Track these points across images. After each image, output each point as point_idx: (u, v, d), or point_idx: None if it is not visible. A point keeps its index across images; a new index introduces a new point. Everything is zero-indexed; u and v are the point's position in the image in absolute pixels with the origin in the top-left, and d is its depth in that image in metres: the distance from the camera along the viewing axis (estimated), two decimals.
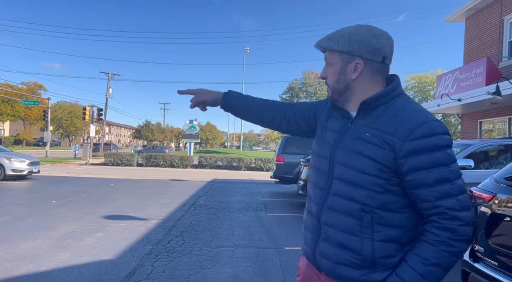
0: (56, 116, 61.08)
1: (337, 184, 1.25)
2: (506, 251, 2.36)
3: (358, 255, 1.19)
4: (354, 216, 1.20)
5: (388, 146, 1.16)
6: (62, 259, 4.54)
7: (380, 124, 1.19)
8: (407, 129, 1.14)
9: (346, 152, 1.23)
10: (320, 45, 1.33)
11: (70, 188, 11.56)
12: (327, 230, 1.26)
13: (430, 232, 1.14)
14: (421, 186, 1.13)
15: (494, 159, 6.78)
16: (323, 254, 1.26)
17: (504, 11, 12.19)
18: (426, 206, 1.15)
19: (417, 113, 1.17)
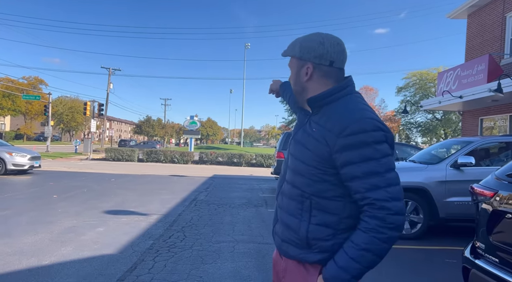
0: (57, 111, 61.04)
1: (289, 172, 1.45)
2: (507, 247, 2.36)
3: (296, 235, 1.38)
4: (296, 200, 1.39)
5: (325, 141, 1.30)
6: (63, 253, 4.56)
7: (324, 121, 1.34)
8: (341, 127, 1.26)
9: (296, 144, 1.44)
10: (283, 53, 1.50)
11: (71, 183, 11.59)
12: (279, 212, 1.48)
13: (363, 220, 1.25)
14: (353, 178, 1.25)
15: (495, 156, 6.78)
16: (276, 232, 1.50)
17: (507, 8, 12.14)
18: (358, 197, 1.26)
19: (354, 112, 1.28)
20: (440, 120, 39.95)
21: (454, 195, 5.90)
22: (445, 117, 38.61)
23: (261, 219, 7.18)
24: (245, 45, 59.68)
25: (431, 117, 40.60)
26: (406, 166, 6.73)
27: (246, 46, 59.81)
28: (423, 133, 43.15)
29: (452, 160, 6.07)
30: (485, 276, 2.45)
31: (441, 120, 39.72)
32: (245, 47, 59.65)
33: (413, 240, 5.81)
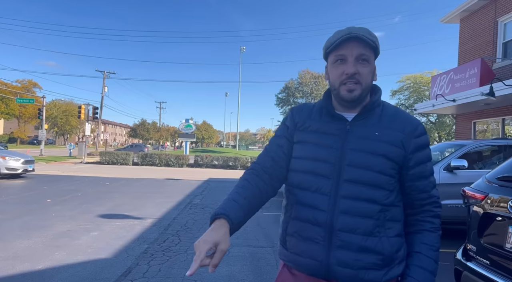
0: (51, 114, 60.71)
1: (349, 186, 1.21)
2: (497, 250, 2.40)
3: (379, 255, 1.20)
4: (373, 217, 1.20)
5: (400, 144, 1.23)
6: (57, 258, 4.54)
7: (386, 124, 1.25)
8: (412, 128, 1.25)
9: (358, 153, 1.22)
10: (370, 39, 1.23)
11: (65, 187, 11.52)
12: (343, 236, 1.19)
13: (427, 221, 1.26)
14: (421, 178, 1.25)
15: (487, 159, 6.85)
16: (342, 262, 1.19)
17: (498, 12, 12.30)
18: (424, 196, 1.26)
19: (409, 115, 1.30)
20: (434, 124, 40.22)
21: (447, 198, 5.94)
22: (439, 120, 38.88)
23: (256, 223, 7.18)
24: (241, 48, 59.87)
25: (426, 120, 40.87)
26: None
27: (242, 50, 59.98)
28: None
29: (445, 163, 6.12)
30: (477, 278, 2.48)
31: (435, 124, 39.99)
32: (240, 51, 59.83)
33: None
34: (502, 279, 2.28)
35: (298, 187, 1.28)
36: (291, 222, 1.29)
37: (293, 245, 1.28)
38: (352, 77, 1.23)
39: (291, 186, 1.32)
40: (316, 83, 54.62)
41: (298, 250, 1.26)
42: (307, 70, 56.79)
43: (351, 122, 1.26)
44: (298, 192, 1.28)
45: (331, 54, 1.28)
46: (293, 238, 1.27)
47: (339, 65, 1.26)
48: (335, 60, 1.27)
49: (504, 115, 12.00)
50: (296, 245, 1.26)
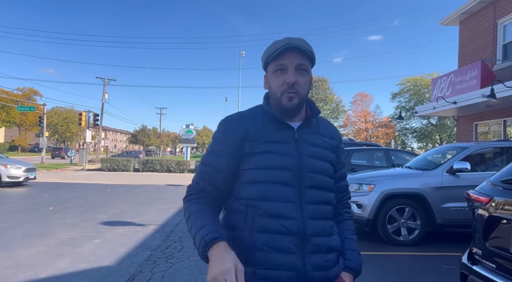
0: (51, 122, 60.81)
1: (311, 192, 1.25)
2: (503, 253, 2.38)
3: (336, 252, 1.31)
4: (330, 218, 1.32)
5: (335, 149, 1.38)
6: (60, 266, 4.52)
7: (323, 132, 1.37)
8: (337, 135, 1.42)
9: (313, 160, 1.28)
10: (308, 50, 1.26)
11: (67, 194, 11.51)
12: (314, 240, 1.22)
13: (345, 211, 1.46)
14: (343, 178, 1.44)
15: (490, 162, 6.83)
16: (317, 266, 1.22)
17: (498, 14, 12.33)
18: (343, 195, 1.45)
19: (332, 124, 1.48)
20: (435, 126, 40.23)
21: (450, 201, 5.92)
22: (440, 122, 38.88)
23: None
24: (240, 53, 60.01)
25: (426, 123, 40.88)
26: (402, 172, 6.76)
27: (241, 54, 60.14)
28: (419, 139, 43.41)
29: (447, 165, 6.11)
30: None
31: (437, 126, 40.00)
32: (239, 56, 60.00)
33: (410, 246, 5.82)
34: None
35: (261, 199, 1.23)
36: (255, 236, 1.21)
37: (262, 260, 1.19)
38: (291, 87, 1.25)
39: (249, 199, 1.25)
40: (316, 86, 54.68)
41: (270, 264, 1.19)
42: None
43: (297, 130, 1.30)
44: (261, 203, 1.22)
45: (271, 64, 1.29)
46: (262, 253, 1.20)
47: (279, 75, 1.27)
48: (275, 69, 1.28)
49: (505, 117, 11.99)
50: (267, 260, 1.19)
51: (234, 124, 1.31)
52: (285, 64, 1.26)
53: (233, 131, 1.29)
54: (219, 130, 1.34)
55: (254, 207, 1.23)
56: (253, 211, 1.23)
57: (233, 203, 1.30)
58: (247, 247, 1.21)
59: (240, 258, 1.15)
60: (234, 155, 1.28)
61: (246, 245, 1.21)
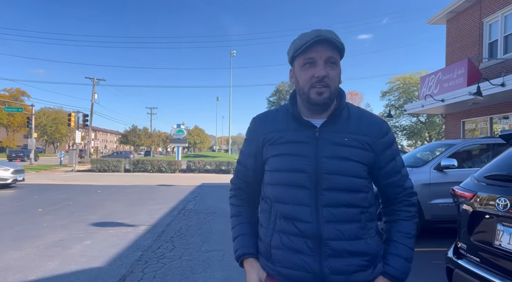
0: (40, 123, 60.11)
1: (329, 194, 1.21)
2: (487, 247, 2.44)
3: (367, 256, 1.23)
4: (356, 220, 1.23)
5: (368, 147, 1.26)
6: (50, 268, 4.49)
7: (353, 128, 1.26)
8: (377, 129, 1.28)
9: (333, 160, 1.22)
10: (339, 42, 1.21)
11: (56, 196, 11.40)
12: (332, 244, 1.20)
13: (403, 210, 1.33)
14: (395, 173, 1.31)
15: (476, 158, 6.95)
16: (335, 270, 1.20)
17: (484, 13, 12.52)
18: (399, 190, 1.32)
19: (373, 115, 1.34)
20: (424, 123, 40.65)
21: (438, 197, 6.01)
22: (429, 120, 39.31)
23: None
24: (231, 52, 59.92)
25: (416, 120, 41.29)
26: None
27: (232, 54, 60.05)
28: (408, 136, 43.82)
29: (435, 162, 6.20)
30: (468, 275, 2.52)
31: (426, 123, 40.42)
32: (230, 55, 59.89)
33: None
34: (491, 275, 2.32)
35: (277, 201, 1.26)
36: (275, 235, 1.27)
37: (281, 258, 1.25)
38: (321, 81, 1.21)
39: (270, 199, 1.30)
40: None
41: (287, 264, 1.23)
42: None
43: (320, 129, 1.25)
44: (278, 205, 1.26)
45: (299, 58, 1.25)
46: (281, 251, 1.25)
47: (308, 69, 1.22)
48: (303, 63, 1.23)
49: (491, 114, 12.19)
50: (285, 259, 1.24)
51: (259, 124, 1.36)
52: (315, 57, 1.21)
53: (257, 132, 1.35)
54: (247, 130, 1.41)
55: (273, 207, 1.29)
56: (273, 212, 1.29)
57: (261, 202, 1.39)
58: (269, 245, 1.29)
59: (262, 253, 1.34)
60: (258, 155, 1.35)
61: (268, 242, 1.29)
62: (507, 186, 2.38)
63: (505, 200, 2.28)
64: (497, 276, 2.29)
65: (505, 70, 11.05)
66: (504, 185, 2.41)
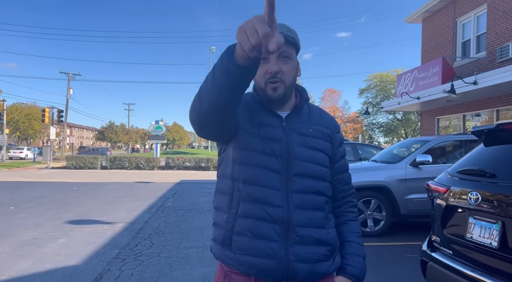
0: (12, 118, 58.03)
1: (299, 180, 1.20)
2: (459, 240, 2.52)
3: (328, 246, 1.23)
4: (321, 209, 1.23)
5: (329, 138, 1.30)
6: (23, 267, 4.36)
7: (316, 121, 1.30)
8: (334, 125, 1.35)
9: (302, 148, 1.22)
10: (289, 36, 1.19)
11: (29, 193, 11.07)
12: (300, 231, 1.17)
13: (350, 211, 1.36)
14: (344, 171, 1.36)
15: (450, 154, 7.15)
16: (301, 257, 1.17)
17: (457, 13, 12.87)
18: (347, 188, 1.36)
19: (329, 113, 1.40)
20: (400, 121, 41.53)
21: (413, 192, 6.16)
22: (405, 117, 40.19)
23: None
24: (210, 48, 59.50)
25: (392, 118, 42.14)
26: (368, 165, 6.96)
27: (211, 50, 59.65)
28: (385, 133, 44.69)
29: (411, 158, 6.35)
30: (441, 267, 2.60)
31: (402, 121, 41.30)
32: (210, 51, 59.49)
33: (376, 237, 6.02)
34: (463, 267, 2.40)
35: (247, 182, 1.19)
36: (238, 220, 1.19)
37: (243, 245, 1.18)
38: (274, 76, 1.19)
39: (237, 180, 1.21)
40: None
41: (250, 251, 1.17)
42: None
43: (286, 120, 1.25)
44: (246, 187, 1.19)
45: None
46: (244, 238, 1.18)
47: (262, 64, 1.19)
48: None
49: (464, 111, 12.58)
50: (248, 245, 1.17)
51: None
52: None
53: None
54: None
55: (238, 190, 1.21)
56: (238, 195, 1.21)
57: (221, 182, 1.29)
58: (231, 231, 1.20)
59: (220, 242, 1.24)
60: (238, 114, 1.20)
61: (230, 228, 1.20)
62: (479, 181, 2.46)
63: (476, 194, 2.36)
64: (468, 267, 2.37)
65: (478, 69, 11.41)
66: (475, 179, 2.50)
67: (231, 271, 1.22)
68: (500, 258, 2.16)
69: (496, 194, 2.26)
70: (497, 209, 2.23)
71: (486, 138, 2.69)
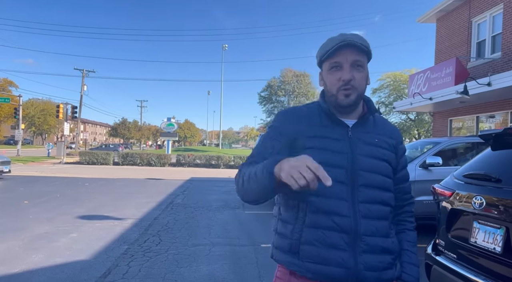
0: (28, 114, 59.24)
1: (365, 191, 1.24)
2: (463, 244, 2.51)
3: (393, 254, 1.27)
4: (387, 218, 1.27)
5: (394, 149, 1.33)
6: (34, 260, 4.48)
7: (381, 131, 1.34)
8: (397, 135, 1.38)
9: (367, 159, 1.26)
10: (364, 46, 1.25)
11: (43, 188, 11.30)
12: (367, 240, 1.21)
13: (408, 221, 1.39)
14: (405, 180, 1.38)
15: (461, 156, 7.07)
16: (370, 266, 1.21)
17: (472, 13, 12.66)
18: (407, 197, 1.39)
19: (392, 124, 1.43)
20: (413, 121, 41.04)
21: (423, 194, 6.11)
22: (418, 118, 39.70)
23: (238, 222, 7.23)
24: (222, 46, 59.66)
25: (405, 118, 41.66)
26: None
27: (224, 48, 59.80)
28: None
29: (421, 160, 6.29)
30: (445, 271, 2.59)
31: (415, 121, 40.81)
32: (222, 49, 59.64)
33: None
34: (467, 271, 2.39)
35: (313, 194, 1.22)
36: (306, 230, 1.23)
37: (312, 254, 1.22)
38: (347, 83, 1.25)
39: (304, 192, 1.19)
40: (298, 81, 54.95)
41: (319, 259, 1.21)
42: (289, 68, 57.02)
43: (352, 129, 1.29)
44: (314, 199, 1.23)
45: (326, 62, 1.29)
46: (312, 247, 1.22)
47: (335, 72, 1.27)
48: (330, 67, 1.28)
49: (478, 113, 12.38)
50: (317, 254, 1.21)
51: (291, 116, 1.33)
52: (341, 61, 1.26)
53: (288, 123, 1.31)
54: (276, 120, 1.36)
55: (306, 202, 1.24)
56: (305, 206, 1.24)
57: (284, 197, 1.32)
58: (298, 241, 1.24)
59: (285, 251, 1.28)
60: (286, 146, 1.29)
61: (297, 238, 1.25)
62: (484, 185, 2.44)
63: (481, 199, 2.35)
64: (472, 272, 2.36)
65: (492, 69, 11.22)
66: (480, 184, 2.48)
67: (298, 276, 1.26)
68: (503, 264, 2.15)
69: (501, 199, 2.24)
70: (501, 214, 2.22)
71: (493, 143, 2.67)
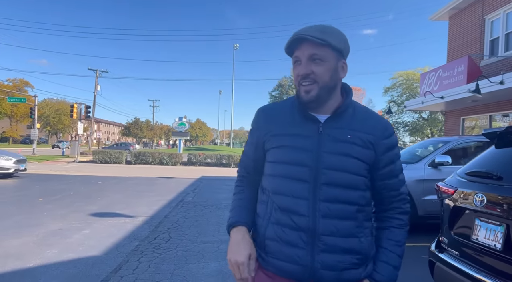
0: (43, 113, 60.34)
1: (328, 190, 1.21)
2: (465, 241, 2.53)
3: (359, 255, 1.23)
4: (351, 218, 1.22)
5: (371, 146, 1.25)
6: (48, 256, 4.62)
7: (357, 126, 1.26)
8: (381, 130, 1.28)
9: (334, 156, 1.22)
10: (314, 36, 1.19)
11: (57, 186, 11.55)
12: (326, 240, 1.20)
13: (395, 217, 1.32)
14: (391, 176, 1.30)
15: (471, 155, 7.00)
16: (327, 265, 1.20)
17: (486, 10, 12.48)
18: (394, 194, 1.31)
19: (379, 116, 1.33)
20: (426, 120, 40.56)
21: (431, 193, 6.08)
22: (431, 116, 39.23)
23: None
24: (234, 46, 59.79)
25: (418, 117, 41.21)
26: None
27: (235, 47, 59.93)
28: (411, 132, 43.77)
29: (430, 159, 6.27)
30: (448, 268, 2.61)
31: (428, 120, 40.33)
32: (233, 48, 59.79)
33: None
34: (469, 268, 2.41)
35: (275, 193, 1.27)
36: (270, 226, 1.27)
37: (273, 249, 1.26)
38: (306, 78, 1.22)
39: (268, 191, 1.30)
40: None
41: (280, 255, 1.24)
42: None
43: (324, 124, 1.25)
44: (276, 197, 1.27)
45: (292, 57, 1.29)
46: (274, 243, 1.25)
47: (296, 67, 1.26)
48: (293, 62, 1.28)
49: (491, 111, 12.21)
50: (278, 250, 1.25)
51: (263, 115, 1.37)
52: (299, 56, 1.24)
53: (260, 122, 1.36)
54: (253, 120, 1.42)
55: (270, 199, 1.29)
56: (270, 203, 1.29)
57: (260, 192, 1.38)
58: (264, 236, 1.29)
59: (257, 244, 1.32)
60: (259, 145, 1.36)
61: (263, 233, 1.30)
62: (485, 183, 2.46)
63: (482, 196, 2.36)
64: (474, 269, 2.38)
65: (505, 68, 11.05)
66: (482, 181, 2.50)
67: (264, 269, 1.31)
68: (504, 260, 2.17)
69: (502, 196, 2.26)
70: (502, 212, 2.23)
71: (497, 141, 2.68)
